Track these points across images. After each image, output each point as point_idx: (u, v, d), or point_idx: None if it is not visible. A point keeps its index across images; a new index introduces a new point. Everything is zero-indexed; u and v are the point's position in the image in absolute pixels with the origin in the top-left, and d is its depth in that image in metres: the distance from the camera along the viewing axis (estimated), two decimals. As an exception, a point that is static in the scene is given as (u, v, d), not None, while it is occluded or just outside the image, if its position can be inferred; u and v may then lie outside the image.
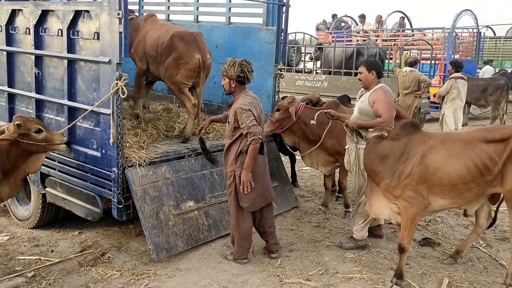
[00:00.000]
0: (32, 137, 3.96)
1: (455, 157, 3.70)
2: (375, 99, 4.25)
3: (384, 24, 15.64)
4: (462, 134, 4.07)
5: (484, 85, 11.42)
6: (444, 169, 3.68)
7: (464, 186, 3.71)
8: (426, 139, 3.82)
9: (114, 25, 3.87)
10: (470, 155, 3.70)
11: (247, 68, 4.08)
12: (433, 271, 4.14)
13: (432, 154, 3.72)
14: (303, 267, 4.16)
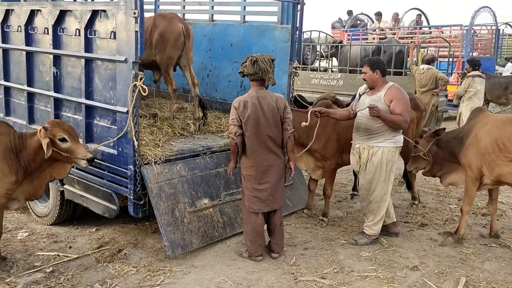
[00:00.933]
0: (56, 144, 3.87)
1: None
2: (392, 98, 4.25)
3: (401, 21, 15.46)
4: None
5: (506, 83, 11.21)
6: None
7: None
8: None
9: (130, 24, 3.92)
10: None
11: (245, 63, 4.10)
12: (450, 270, 4.09)
13: None
14: (318, 265, 4.16)
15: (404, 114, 4.21)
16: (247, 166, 4.13)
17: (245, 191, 4.18)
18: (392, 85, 4.34)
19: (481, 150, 4.36)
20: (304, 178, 5.98)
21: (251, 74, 4.06)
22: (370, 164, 4.42)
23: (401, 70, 9.93)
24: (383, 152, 4.36)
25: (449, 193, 6.33)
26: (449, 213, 5.56)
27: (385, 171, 4.40)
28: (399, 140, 4.44)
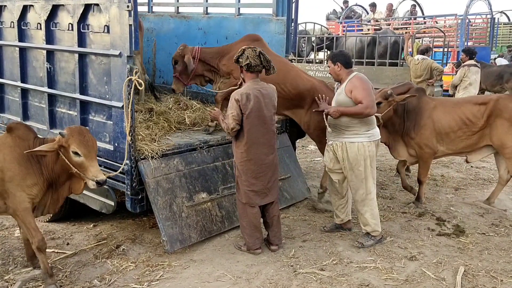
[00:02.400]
0: (68, 155, 3.54)
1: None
2: (351, 88, 4.15)
3: (395, 12, 15.42)
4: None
5: (500, 71, 11.22)
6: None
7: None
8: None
9: (124, 18, 3.87)
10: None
11: (248, 54, 4.00)
12: (449, 259, 4.11)
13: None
14: (317, 257, 4.16)
15: (365, 100, 4.06)
16: (245, 160, 4.10)
17: (241, 185, 4.15)
18: (353, 76, 4.22)
19: (442, 130, 5.09)
20: (302, 170, 5.98)
21: (257, 65, 4.01)
22: (347, 162, 4.30)
23: (397, 60, 9.92)
24: (358, 148, 4.22)
25: (446, 183, 6.35)
26: (446, 202, 5.57)
27: (364, 167, 4.25)
28: (374, 134, 4.29)
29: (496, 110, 5.05)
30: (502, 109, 5.05)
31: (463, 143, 5.18)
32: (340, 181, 4.55)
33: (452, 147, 5.23)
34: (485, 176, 6.59)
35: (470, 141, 5.16)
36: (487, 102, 5.12)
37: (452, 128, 5.11)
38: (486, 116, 5.05)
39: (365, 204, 4.35)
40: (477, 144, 5.19)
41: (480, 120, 5.06)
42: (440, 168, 7.09)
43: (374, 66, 10.11)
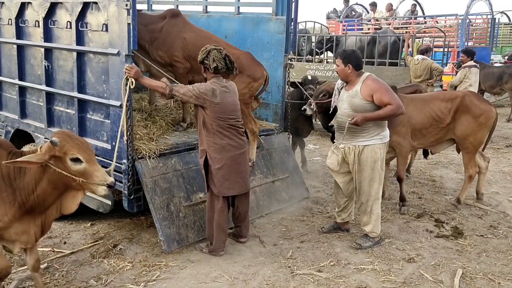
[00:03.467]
0: (67, 165, 2.98)
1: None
2: (372, 91, 4.03)
3: (395, 12, 15.39)
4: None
5: (499, 73, 11.20)
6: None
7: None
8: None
9: (123, 16, 3.85)
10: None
11: (214, 57, 3.94)
12: (447, 262, 4.09)
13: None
14: (314, 258, 4.14)
15: (393, 100, 4.00)
16: (219, 148, 4.03)
17: (219, 177, 4.04)
18: (367, 77, 4.11)
19: (416, 126, 5.18)
20: (300, 170, 5.96)
21: (223, 67, 3.98)
22: (358, 164, 4.23)
23: (396, 60, 9.89)
24: (370, 150, 4.16)
25: (445, 184, 6.33)
26: (445, 203, 5.55)
27: (374, 169, 4.21)
28: (385, 135, 4.26)
29: (463, 106, 5.24)
30: (469, 106, 5.24)
31: (433, 138, 5.35)
32: (346, 183, 4.50)
33: (424, 142, 5.37)
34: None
35: (438, 135, 5.35)
36: (454, 98, 5.30)
37: (424, 125, 5.21)
38: (453, 112, 5.24)
39: (369, 206, 4.32)
40: (443, 138, 5.41)
41: (448, 116, 5.24)
42: (439, 169, 7.08)
43: (374, 66, 10.08)
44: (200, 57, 4.00)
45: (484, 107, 5.32)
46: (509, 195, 5.88)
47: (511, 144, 8.73)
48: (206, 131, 3.99)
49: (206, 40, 4.80)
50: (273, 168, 5.48)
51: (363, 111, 4.11)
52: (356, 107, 4.14)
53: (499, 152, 8.17)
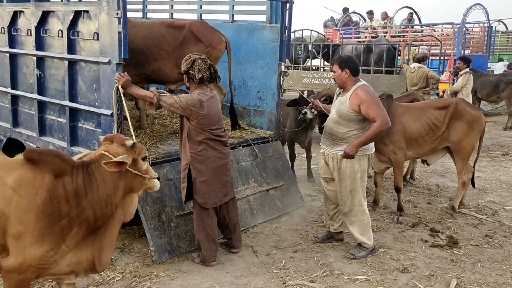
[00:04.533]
0: (139, 165, 2.90)
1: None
2: (359, 102, 3.97)
3: (392, 20, 15.44)
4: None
5: (496, 81, 11.22)
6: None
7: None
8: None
9: (113, 25, 3.83)
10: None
11: (200, 66, 3.89)
12: (441, 272, 4.04)
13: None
14: (307, 268, 4.09)
15: (379, 116, 3.90)
16: (203, 159, 4.00)
17: (203, 188, 4.00)
18: (359, 87, 4.03)
19: (412, 135, 5.14)
20: (296, 179, 5.92)
21: (208, 77, 3.95)
22: (338, 173, 4.21)
23: (393, 68, 9.90)
24: (350, 161, 4.08)
25: (441, 193, 6.29)
26: (440, 212, 5.51)
27: (354, 180, 4.16)
28: (367, 148, 4.14)
29: (456, 113, 5.26)
30: (462, 112, 5.28)
31: (428, 147, 5.33)
32: (332, 189, 4.46)
33: (419, 152, 5.34)
34: (480, 186, 6.52)
35: (434, 144, 5.33)
36: (448, 105, 5.30)
37: (420, 134, 5.19)
38: (447, 120, 5.25)
39: (353, 215, 4.28)
40: (438, 147, 5.39)
41: (443, 124, 5.24)
42: (435, 177, 7.04)
43: (370, 74, 10.08)
44: (184, 67, 3.94)
45: (475, 113, 5.42)
46: (505, 204, 5.83)
47: (507, 152, 8.69)
48: (191, 143, 3.95)
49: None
50: (268, 177, 5.44)
51: (347, 119, 4.09)
52: (341, 114, 4.12)
53: (495, 160, 8.14)
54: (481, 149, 8.73)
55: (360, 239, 4.32)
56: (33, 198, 2.57)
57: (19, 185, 2.58)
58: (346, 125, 4.13)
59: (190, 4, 6.66)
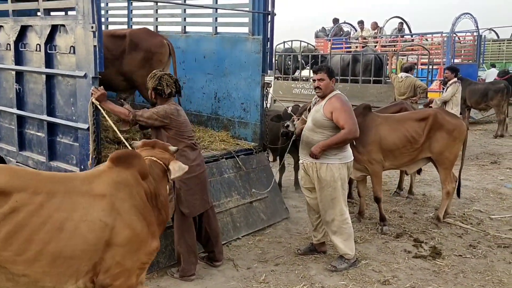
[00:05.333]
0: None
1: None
2: (332, 109, 4.05)
3: (382, 30, 15.54)
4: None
5: (485, 89, 11.26)
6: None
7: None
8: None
9: (89, 38, 3.82)
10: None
11: (167, 82, 3.94)
12: (422, 283, 4.00)
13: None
14: (288, 282, 4.04)
15: (347, 124, 3.99)
16: (201, 171, 4.10)
17: (189, 198, 3.99)
18: (334, 95, 4.13)
19: (387, 147, 5.11)
20: (279, 190, 5.88)
21: (175, 91, 4.01)
22: (318, 182, 4.21)
23: (381, 78, 9.93)
24: (329, 169, 4.12)
25: (427, 202, 6.26)
26: (425, 222, 5.48)
27: (335, 188, 4.16)
28: (345, 156, 4.20)
29: (436, 124, 5.25)
30: (442, 123, 5.27)
31: (406, 159, 5.30)
32: (314, 199, 4.44)
33: (396, 163, 5.32)
34: (467, 195, 6.50)
35: (412, 156, 5.30)
36: (427, 117, 5.29)
37: (397, 145, 5.17)
38: (427, 131, 5.23)
39: (335, 225, 4.25)
40: (417, 158, 5.36)
41: (422, 136, 5.22)
42: (422, 187, 7.01)
43: (359, 84, 10.11)
44: (152, 84, 3.95)
45: (456, 122, 5.40)
46: (491, 213, 5.81)
47: (496, 160, 8.69)
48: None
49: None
50: (251, 188, 5.40)
51: (321, 127, 4.13)
52: (316, 122, 4.17)
53: (483, 168, 8.13)
54: (469, 157, 8.86)
55: (342, 249, 4.29)
56: (134, 199, 2.53)
57: (117, 189, 2.49)
58: (321, 133, 4.16)
59: (174, 17, 6.67)
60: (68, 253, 2.32)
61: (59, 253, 2.31)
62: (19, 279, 2.29)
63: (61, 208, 2.33)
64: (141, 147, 2.91)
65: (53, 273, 2.33)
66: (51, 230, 2.29)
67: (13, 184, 2.28)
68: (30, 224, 2.27)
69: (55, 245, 2.30)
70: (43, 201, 2.31)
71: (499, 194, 6.55)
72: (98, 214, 2.39)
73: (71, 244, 2.32)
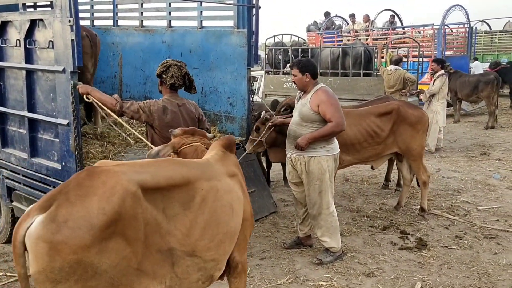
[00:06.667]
0: None
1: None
2: (319, 102, 4.04)
3: (373, 23, 15.51)
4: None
5: (475, 81, 11.27)
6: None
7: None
8: None
9: (66, 32, 3.75)
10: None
11: (174, 73, 3.85)
12: (407, 275, 3.99)
13: None
14: (273, 276, 4.03)
15: (334, 117, 4.00)
16: None
17: None
18: (319, 88, 4.13)
19: (348, 141, 4.99)
20: (266, 184, 5.86)
21: (180, 85, 3.91)
22: (306, 175, 4.21)
23: (370, 71, 9.91)
24: (317, 162, 4.14)
25: (415, 194, 6.25)
26: (412, 214, 5.47)
27: (323, 181, 4.17)
28: (332, 148, 4.22)
29: (399, 117, 5.27)
30: (404, 116, 5.29)
31: (370, 153, 5.30)
32: (301, 192, 4.44)
33: (359, 157, 5.30)
34: (455, 187, 6.51)
35: (376, 150, 5.31)
36: (390, 111, 5.29)
37: (358, 140, 5.15)
38: (390, 126, 5.24)
39: (321, 219, 4.24)
40: (383, 153, 5.38)
41: (385, 132, 5.24)
42: (412, 179, 7.00)
43: (349, 77, 10.09)
44: (158, 70, 3.92)
45: (418, 113, 5.44)
46: (479, 204, 5.81)
47: (486, 152, 8.70)
48: None
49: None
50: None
51: (308, 120, 4.11)
52: (303, 116, 4.15)
53: (473, 160, 8.13)
54: (459, 149, 8.88)
55: (328, 242, 4.28)
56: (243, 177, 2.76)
57: (239, 169, 2.72)
58: (308, 126, 4.14)
59: (159, 11, 6.60)
60: (236, 230, 2.52)
61: (233, 232, 2.49)
62: (207, 265, 2.36)
63: (226, 190, 2.47)
64: (181, 135, 3.05)
65: (228, 252, 2.52)
66: (228, 211, 2.45)
67: (193, 174, 2.34)
68: (217, 209, 2.37)
69: (232, 224, 2.48)
70: (217, 186, 2.42)
71: (487, 185, 6.56)
72: (238, 191, 2.58)
73: (237, 222, 2.52)
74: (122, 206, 1.91)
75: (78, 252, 1.81)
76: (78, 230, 1.81)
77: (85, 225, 1.83)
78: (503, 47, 18.85)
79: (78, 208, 1.85)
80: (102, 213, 1.87)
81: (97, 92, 3.87)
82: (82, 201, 1.88)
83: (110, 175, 1.99)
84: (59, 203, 1.86)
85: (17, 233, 1.89)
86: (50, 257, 1.80)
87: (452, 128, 11.17)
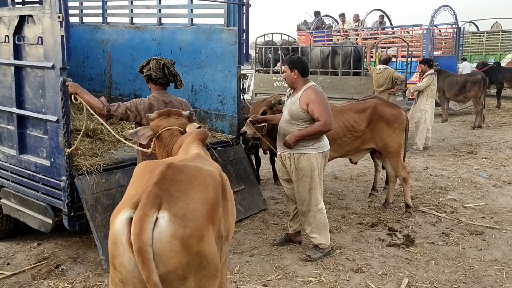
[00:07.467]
0: None
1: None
2: (308, 101, 4.07)
3: (363, 22, 15.60)
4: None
5: (463, 81, 11.42)
6: None
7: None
8: None
9: (56, 28, 3.75)
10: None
11: (151, 66, 3.82)
12: (394, 271, 4.05)
13: None
14: (262, 272, 4.06)
15: (322, 116, 4.04)
16: None
17: None
18: (309, 87, 4.15)
19: (330, 136, 4.74)
20: (256, 182, 5.89)
21: (159, 77, 3.85)
22: (296, 173, 4.24)
23: (360, 70, 9.98)
24: (306, 159, 4.17)
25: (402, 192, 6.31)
26: (400, 211, 5.53)
27: (312, 178, 4.20)
28: (322, 145, 4.24)
29: (376, 115, 5.40)
30: (381, 114, 5.41)
31: (348, 147, 5.45)
32: (291, 189, 4.47)
33: (339, 151, 5.42)
34: (442, 184, 6.59)
35: (354, 145, 5.46)
36: (366, 109, 5.43)
37: (338, 134, 5.25)
38: (366, 122, 5.39)
39: (311, 216, 4.28)
40: (360, 147, 5.53)
41: (361, 126, 5.38)
42: (400, 177, 7.07)
43: (339, 76, 10.15)
44: (140, 65, 3.91)
45: (395, 112, 5.52)
46: (465, 202, 5.89)
47: (472, 150, 8.81)
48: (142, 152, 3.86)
49: None
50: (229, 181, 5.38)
51: (297, 118, 4.15)
52: (293, 114, 4.18)
53: (460, 158, 8.24)
54: (447, 148, 8.99)
55: (317, 239, 4.32)
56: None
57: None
58: (298, 124, 4.17)
59: (149, 9, 6.59)
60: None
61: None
62: (228, 248, 2.51)
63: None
64: (156, 117, 3.08)
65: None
66: (233, 200, 2.53)
67: (217, 166, 2.43)
68: (231, 197, 2.46)
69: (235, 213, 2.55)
70: (224, 176, 2.47)
71: (474, 183, 6.65)
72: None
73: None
74: (217, 194, 2.07)
75: (199, 243, 1.87)
76: (197, 221, 1.88)
77: (199, 215, 1.90)
78: (491, 48, 19.08)
79: (187, 201, 1.92)
80: (206, 202, 1.97)
81: (86, 94, 3.81)
82: (186, 195, 1.94)
83: (192, 168, 2.09)
84: (166, 200, 1.89)
85: (141, 235, 1.80)
86: (182, 254, 1.83)
87: (440, 127, 11.30)
